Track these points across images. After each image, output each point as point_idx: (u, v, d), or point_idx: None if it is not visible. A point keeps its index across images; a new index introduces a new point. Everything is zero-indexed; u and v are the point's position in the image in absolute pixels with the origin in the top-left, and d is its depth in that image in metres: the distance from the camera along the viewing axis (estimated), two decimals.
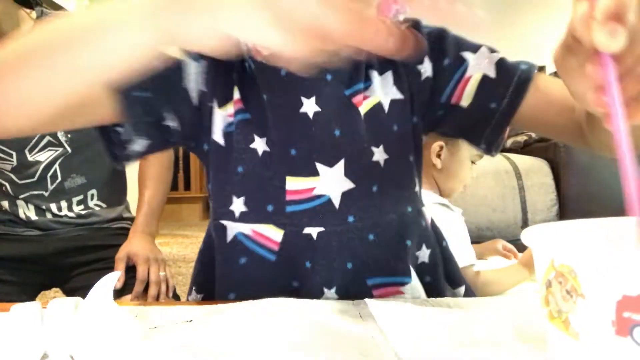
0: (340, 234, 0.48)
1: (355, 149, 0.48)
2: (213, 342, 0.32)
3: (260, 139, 0.49)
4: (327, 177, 0.48)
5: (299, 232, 0.48)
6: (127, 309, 0.39)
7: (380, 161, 0.49)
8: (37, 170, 1.06)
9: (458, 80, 0.50)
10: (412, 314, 0.37)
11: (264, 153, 0.49)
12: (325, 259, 0.48)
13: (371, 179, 0.49)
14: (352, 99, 0.49)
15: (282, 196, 0.48)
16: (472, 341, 0.31)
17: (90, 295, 0.31)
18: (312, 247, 0.48)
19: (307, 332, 0.33)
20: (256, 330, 0.34)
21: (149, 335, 0.33)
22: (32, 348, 0.27)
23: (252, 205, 0.49)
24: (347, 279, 0.48)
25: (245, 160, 0.49)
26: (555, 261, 0.19)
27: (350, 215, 0.48)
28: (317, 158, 0.48)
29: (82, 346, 0.27)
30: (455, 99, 0.50)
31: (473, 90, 0.49)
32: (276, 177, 0.48)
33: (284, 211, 0.48)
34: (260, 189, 0.49)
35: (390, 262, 0.49)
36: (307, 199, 0.48)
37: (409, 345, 0.31)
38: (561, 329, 0.19)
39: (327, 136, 0.48)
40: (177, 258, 2.91)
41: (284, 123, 0.48)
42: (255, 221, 0.49)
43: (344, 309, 0.39)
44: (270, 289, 0.45)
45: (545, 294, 0.20)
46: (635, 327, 0.16)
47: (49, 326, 0.28)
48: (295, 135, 0.48)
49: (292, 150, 0.48)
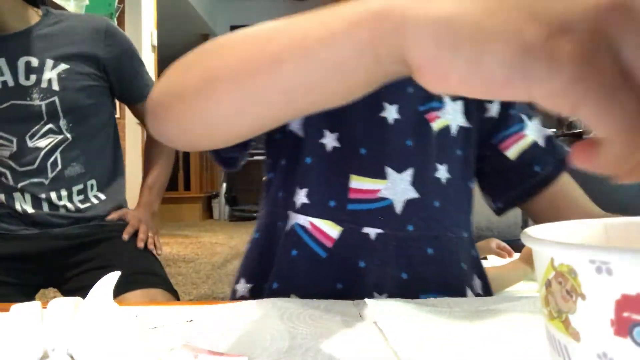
0: (399, 239, 0.48)
1: (424, 162, 0.49)
2: (213, 342, 0.32)
3: (331, 134, 0.50)
4: (394, 182, 0.48)
5: (357, 231, 0.48)
6: (127, 309, 0.39)
7: (442, 179, 0.50)
8: (37, 157, 1.06)
9: (515, 132, 0.53)
10: (412, 313, 0.37)
11: (334, 149, 0.49)
12: (381, 261, 0.47)
13: (434, 193, 0.50)
14: (426, 115, 0.50)
15: (344, 193, 0.49)
16: (472, 341, 0.31)
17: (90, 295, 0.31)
18: (369, 246, 0.48)
19: (307, 332, 0.33)
20: (256, 330, 0.34)
21: (149, 335, 0.33)
22: (32, 348, 0.27)
23: (314, 199, 0.49)
24: (400, 289, 0.47)
25: (313, 153, 0.50)
26: (555, 261, 0.19)
27: (410, 224, 0.48)
28: (387, 162, 0.48)
29: (82, 346, 0.27)
30: (504, 146, 0.53)
31: (523, 148, 0.52)
32: (342, 174, 0.49)
33: (345, 208, 0.48)
34: (324, 183, 0.49)
35: (447, 281, 0.48)
36: (370, 199, 0.48)
37: (409, 345, 0.31)
38: (561, 329, 0.19)
39: (399, 144, 0.49)
40: (177, 258, 2.90)
41: (361, 122, 0.49)
42: (315, 215, 0.49)
43: (344, 309, 0.39)
44: (314, 286, 0.46)
45: (545, 294, 0.20)
46: (635, 327, 0.16)
47: (49, 326, 0.28)
48: (369, 136, 0.49)
49: (362, 150, 0.49)
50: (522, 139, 0.53)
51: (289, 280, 0.49)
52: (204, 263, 2.74)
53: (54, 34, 1.07)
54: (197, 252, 3.15)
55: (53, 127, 1.07)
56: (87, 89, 1.09)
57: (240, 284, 0.53)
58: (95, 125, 1.13)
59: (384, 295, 0.47)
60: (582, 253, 0.17)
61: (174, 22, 4.72)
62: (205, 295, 2.02)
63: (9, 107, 1.03)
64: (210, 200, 5.37)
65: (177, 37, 4.86)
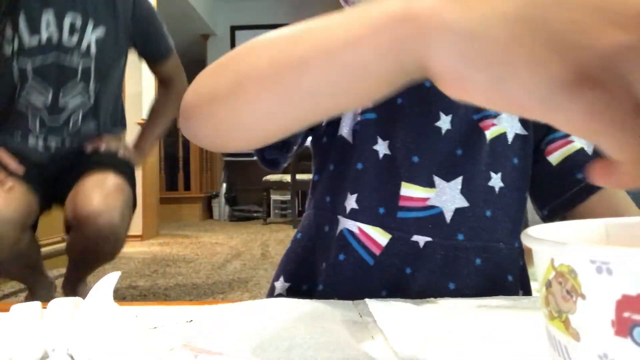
0: (447, 248, 0.48)
1: (474, 170, 0.49)
2: (213, 342, 0.32)
3: (383, 141, 0.50)
4: (442, 190, 0.48)
5: (407, 239, 0.48)
6: (127, 309, 0.39)
7: (496, 187, 0.50)
8: (63, 114, 1.22)
9: (562, 137, 0.51)
10: (412, 313, 0.37)
11: (385, 156, 0.50)
12: (427, 268, 0.47)
13: (485, 202, 0.49)
14: (480, 123, 0.50)
15: (395, 201, 0.49)
16: (472, 341, 0.31)
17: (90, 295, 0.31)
18: (416, 253, 0.48)
19: (306, 332, 0.33)
20: (256, 330, 0.34)
21: (149, 335, 0.33)
22: (32, 348, 0.27)
23: (364, 204, 0.49)
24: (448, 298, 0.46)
25: (365, 158, 0.50)
26: (555, 261, 0.19)
27: (460, 233, 0.48)
28: (436, 171, 0.49)
29: (82, 346, 0.27)
30: (548, 151, 0.51)
31: (567, 154, 0.50)
32: (392, 181, 0.49)
33: (394, 216, 0.48)
34: (375, 189, 0.49)
35: (493, 293, 0.47)
36: (420, 207, 0.48)
37: (409, 345, 0.31)
38: (561, 329, 0.19)
39: (449, 153, 0.49)
40: (177, 258, 2.90)
41: (415, 130, 0.49)
42: (365, 221, 0.49)
43: (344, 308, 0.39)
44: (359, 292, 0.45)
45: (545, 294, 0.20)
46: (635, 327, 0.16)
47: (49, 326, 0.28)
48: (422, 144, 0.49)
49: (414, 158, 0.49)
50: (568, 144, 0.50)
51: (334, 284, 0.49)
52: (204, 263, 2.74)
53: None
54: (197, 252, 3.15)
55: (83, 90, 1.22)
56: (118, 57, 1.27)
57: (279, 282, 0.54)
58: (114, 88, 1.30)
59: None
60: (582, 253, 0.17)
61: (174, 22, 4.72)
62: (205, 295, 2.02)
63: (51, 64, 1.16)
64: (210, 200, 5.37)
65: (177, 37, 4.85)
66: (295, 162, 3.28)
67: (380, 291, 0.48)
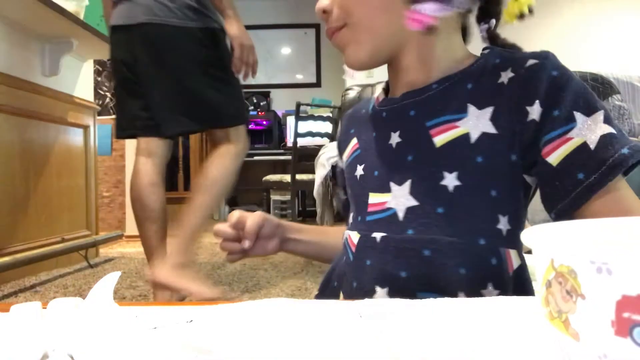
0: (398, 241, 0.54)
1: (423, 172, 0.54)
2: (213, 342, 0.32)
3: (360, 166, 0.62)
4: (396, 194, 0.56)
5: (369, 236, 0.57)
6: (127, 309, 0.39)
7: (449, 186, 0.52)
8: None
9: (559, 135, 0.48)
10: (412, 314, 0.37)
11: (360, 176, 0.62)
12: (382, 260, 0.55)
13: (436, 200, 0.53)
14: (432, 130, 0.55)
15: (365, 208, 0.59)
16: (472, 341, 0.31)
17: (90, 295, 0.31)
18: (374, 247, 0.56)
19: (306, 332, 0.33)
20: (256, 330, 0.34)
21: (149, 335, 0.33)
22: (32, 348, 0.27)
23: (353, 217, 0.62)
24: (399, 286, 0.53)
25: (352, 184, 0.64)
26: (555, 262, 0.19)
27: (410, 229, 0.54)
28: (391, 178, 0.57)
29: (82, 346, 0.27)
30: (546, 151, 0.49)
31: (566, 152, 0.48)
32: (364, 194, 0.60)
33: (365, 220, 0.59)
34: (356, 204, 0.62)
35: (441, 282, 0.51)
36: (380, 210, 0.57)
37: (408, 345, 0.31)
38: (561, 329, 0.19)
39: (401, 161, 0.57)
40: None
41: (376, 151, 0.60)
42: (350, 228, 0.62)
43: (344, 309, 0.39)
44: (345, 285, 0.60)
45: (545, 294, 0.20)
46: (635, 327, 0.16)
47: (49, 326, 0.28)
48: (380, 160, 0.59)
49: (375, 172, 0.59)
50: (567, 142, 0.48)
51: (339, 280, 0.62)
52: (204, 263, 2.74)
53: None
54: (197, 252, 3.15)
55: None
56: None
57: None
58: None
59: (385, 289, 0.54)
60: (582, 253, 0.17)
61: None
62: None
63: None
64: None
65: None
66: (295, 162, 3.28)
67: (353, 282, 0.58)
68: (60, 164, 2.59)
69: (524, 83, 0.51)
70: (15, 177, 2.26)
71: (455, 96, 0.55)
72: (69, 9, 2.31)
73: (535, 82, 0.50)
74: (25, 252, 2.20)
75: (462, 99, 0.54)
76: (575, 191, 0.47)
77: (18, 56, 2.29)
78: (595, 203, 0.47)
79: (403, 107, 0.58)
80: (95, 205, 2.93)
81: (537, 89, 0.50)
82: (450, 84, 0.56)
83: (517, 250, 0.53)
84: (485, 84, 0.54)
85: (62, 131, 2.61)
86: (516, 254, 0.52)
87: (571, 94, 0.49)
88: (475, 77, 0.55)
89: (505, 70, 0.53)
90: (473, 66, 0.56)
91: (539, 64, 0.51)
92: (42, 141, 2.45)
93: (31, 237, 2.34)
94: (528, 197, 0.55)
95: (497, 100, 0.52)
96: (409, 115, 0.57)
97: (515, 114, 0.51)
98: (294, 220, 4.79)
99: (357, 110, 0.70)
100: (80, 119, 2.77)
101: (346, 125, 0.71)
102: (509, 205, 0.52)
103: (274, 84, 5.93)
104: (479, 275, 0.50)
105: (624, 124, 1.76)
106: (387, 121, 0.60)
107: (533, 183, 0.54)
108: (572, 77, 0.50)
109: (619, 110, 1.74)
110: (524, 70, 0.51)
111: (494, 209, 0.52)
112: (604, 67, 2.04)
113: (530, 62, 0.51)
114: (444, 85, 0.56)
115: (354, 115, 0.71)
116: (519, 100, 0.51)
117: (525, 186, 0.53)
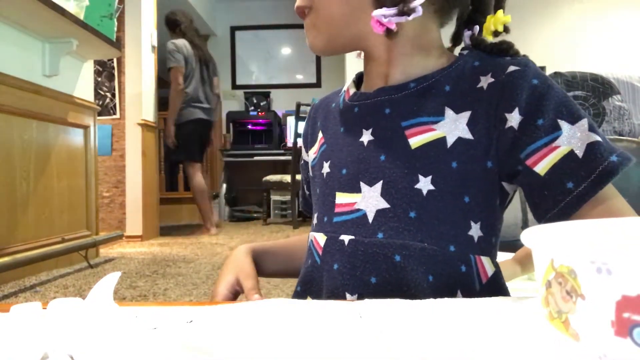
0: (367, 245, 0.52)
1: (395, 174, 0.52)
2: (213, 342, 0.32)
3: (326, 163, 0.59)
4: (366, 194, 0.53)
5: (336, 238, 0.54)
6: (127, 309, 0.39)
7: (423, 190, 0.50)
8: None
9: (545, 144, 0.47)
10: (412, 314, 0.37)
11: (327, 174, 0.59)
12: (351, 264, 0.53)
13: (408, 204, 0.51)
14: (407, 130, 0.53)
15: (332, 209, 0.56)
16: (471, 342, 0.31)
17: (90, 296, 0.31)
18: (342, 251, 0.54)
19: (306, 332, 0.33)
20: (256, 330, 0.34)
21: (149, 335, 0.33)
22: (32, 348, 0.27)
23: (318, 217, 0.59)
24: (370, 291, 0.51)
25: (318, 181, 0.61)
26: (555, 262, 0.19)
27: (380, 232, 0.52)
28: (361, 178, 0.54)
29: (82, 346, 0.27)
30: (532, 161, 0.48)
31: (553, 162, 0.47)
32: (331, 193, 0.57)
33: (332, 221, 0.56)
34: (322, 203, 0.59)
35: (411, 289, 0.49)
36: (349, 211, 0.55)
37: (409, 346, 0.31)
38: (561, 330, 0.19)
39: (373, 160, 0.54)
40: (176, 259, 2.90)
41: (344, 148, 0.58)
42: (316, 230, 0.59)
43: (344, 309, 0.39)
44: (313, 289, 0.57)
45: (545, 294, 0.20)
46: (635, 328, 0.16)
47: (49, 326, 0.28)
48: (349, 158, 0.56)
49: (343, 170, 0.56)
50: (553, 151, 0.47)
51: (304, 285, 0.59)
52: (204, 263, 2.74)
53: None
54: (197, 252, 3.15)
55: None
56: None
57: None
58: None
59: (355, 296, 0.52)
60: (582, 253, 0.17)
61: None
62: (205, 295, 2.02)
63: None
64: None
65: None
66: (295, 162, 3.28)
67: (322, 287, 0.55)
68: (60, 164, 2.59)
69: (504, 90, 0.49)
70: (15, 177, 2.26)
71: (432, 97, 0.53)
72: (69, 9, 2.31)
73: (516, 90, 0.49)
74: (25, 252, 2.20)
75: (440, 101, 0.52)
76: (565, 201, 0.46)
77: (18, 56, 2.29)
78: (585, 212, 0.46)
79: (377, 103, 0.56)
80: (95, 206, 2.93)
81: (517, 97, 0.48)
82: (428, 84, 0.54)
83: (490, 257, 0.52)
84: (464, 87, 0.52)
85: (62, 131, 2.61)
86: (489, 260, 0.52)
87: (553, 103, 0.48)
88: (454, 79, 0.53)
89: (485, 75, 0.51)
90: (451, 67, 0.54)
91: (520, 71, 0.49)
92: (42, 141, 2.45)
93: (31, 237, 2.34)
94: (504, 204, 0.54)
95: (475, 105, 0.51)
96: (384, 113, 0.55)
97: (493, 120, 0.50)
98: (294, 221, 4.80)
99: (326, 102, 0.67)
100: (80, 119, 2.78)
101: (313, 117, 0.68)
102: (481, 212, 0.51)
103: (274, 84, 5.94)
104: (447, 282, 0.50)
105: (624, 125, 1.76)
106: (359, 117, 0.57)
107: (511, 190, 0.53)
108: (552, 85, 0.49)
109: (619, 111, 1.73)
110: (504, 76, 0.50)
111: (466, 216, 0.50)
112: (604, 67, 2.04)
113: (511, 68, 0.50)
114: (421, 85, 0.54)
115: (321, 106, 0.67)
116: (497, 106, 0.49)
117: (501, 193, 0.52)
